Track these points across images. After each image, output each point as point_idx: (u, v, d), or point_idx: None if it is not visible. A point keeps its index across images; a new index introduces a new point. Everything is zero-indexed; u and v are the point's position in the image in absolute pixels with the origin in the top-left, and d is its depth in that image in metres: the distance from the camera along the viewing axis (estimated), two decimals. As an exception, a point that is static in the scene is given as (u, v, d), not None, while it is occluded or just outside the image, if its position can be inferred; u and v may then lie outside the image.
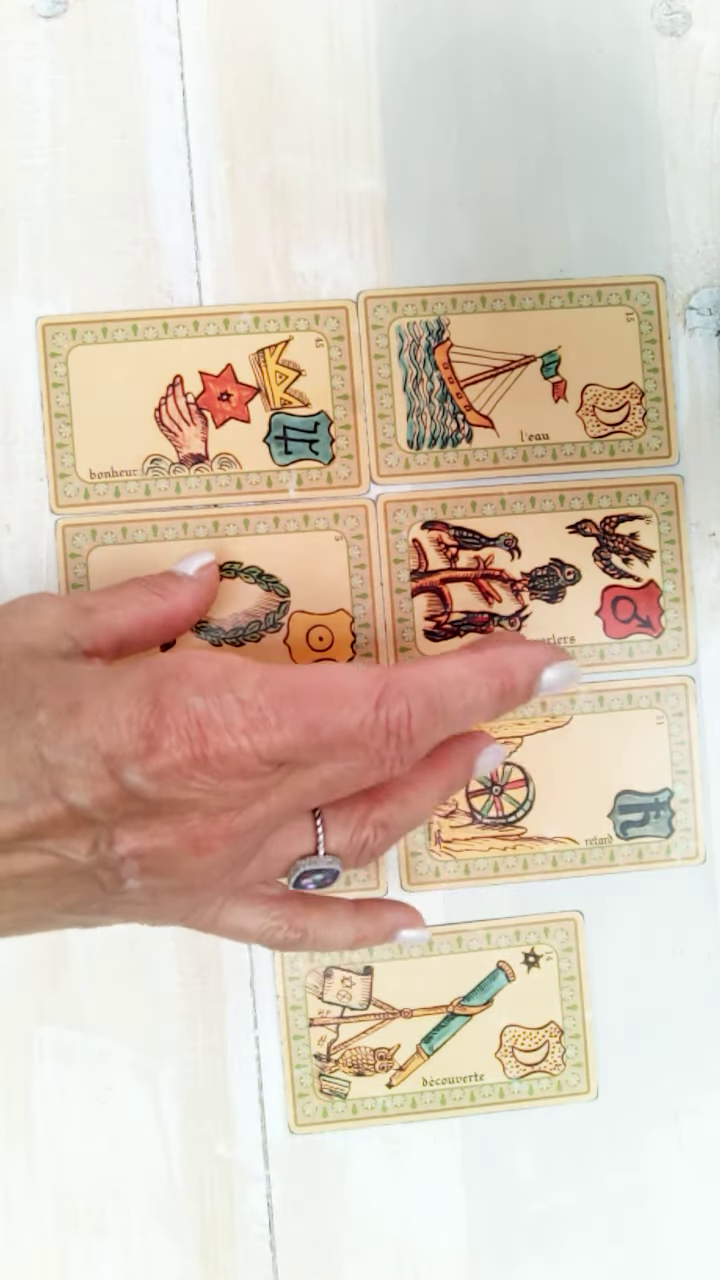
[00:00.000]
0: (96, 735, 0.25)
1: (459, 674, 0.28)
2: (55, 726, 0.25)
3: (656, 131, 0.36)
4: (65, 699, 0.26)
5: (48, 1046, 0.34)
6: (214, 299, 0.35)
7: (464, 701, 0.28)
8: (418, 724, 0.27)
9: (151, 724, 0.25)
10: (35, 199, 0.34)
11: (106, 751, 0.25)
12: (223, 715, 0.25)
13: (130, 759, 0.25)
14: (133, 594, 0.31)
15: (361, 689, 0.26)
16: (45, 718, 0.25)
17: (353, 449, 0.35)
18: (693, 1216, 0.35)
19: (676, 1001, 0.36)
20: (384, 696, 0.26)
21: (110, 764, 0.25)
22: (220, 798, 0.26)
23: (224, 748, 0.25)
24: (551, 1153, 0.35)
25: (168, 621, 0.31)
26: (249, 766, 0.25)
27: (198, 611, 0.33)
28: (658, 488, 0.36)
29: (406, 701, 0.27)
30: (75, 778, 0.25)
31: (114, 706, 0.25)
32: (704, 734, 0.36)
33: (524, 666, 0.29)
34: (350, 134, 0.35)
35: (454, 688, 0.27)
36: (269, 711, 0.25)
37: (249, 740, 0.25)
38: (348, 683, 0.27)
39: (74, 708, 0.25)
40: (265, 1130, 0.35)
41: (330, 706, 0.26)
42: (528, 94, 0.35)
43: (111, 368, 0.34)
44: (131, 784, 0.25)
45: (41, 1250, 0.34)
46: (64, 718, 0.25)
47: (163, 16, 0.35)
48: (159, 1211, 0.34)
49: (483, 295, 0.35)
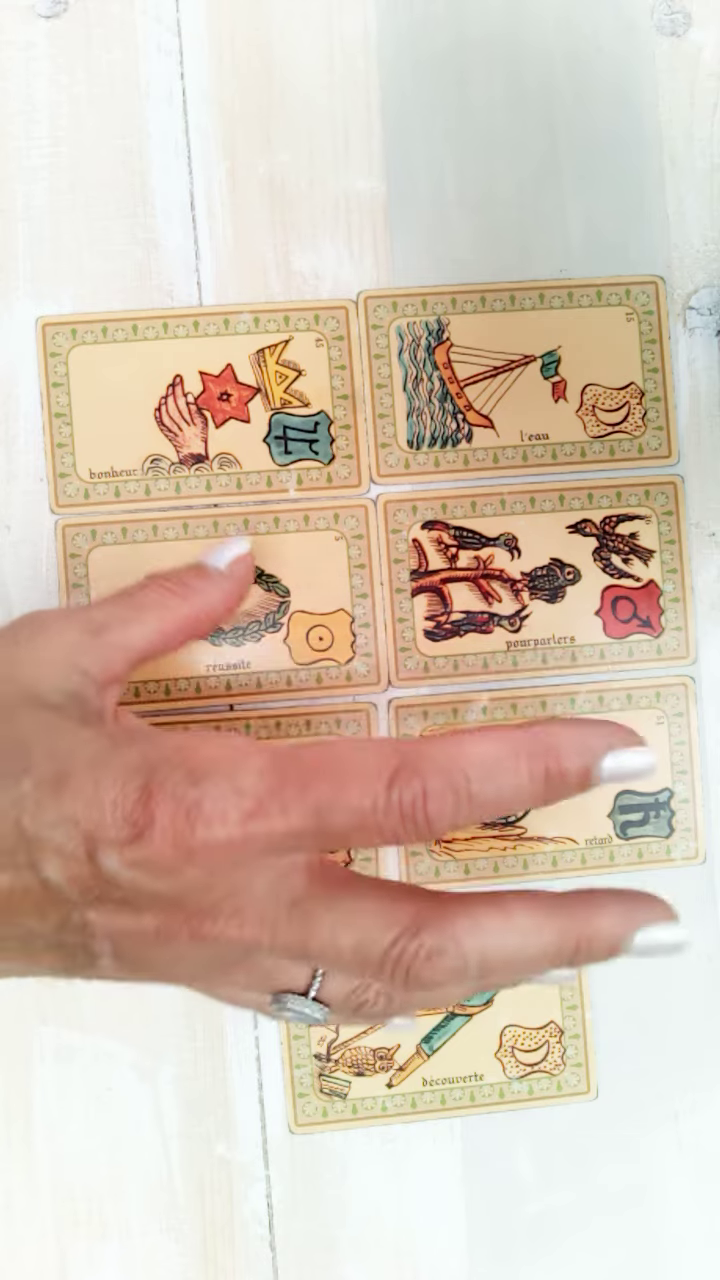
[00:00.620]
0: (79, 813, 0.23)
1: (490, 753, 0.24)
2: (38, 797, 0.24)
3: (656, 131, 0.36)
4: (54, 768, 0.24)
5: (48, 1046, 0.34)
6: (214, 299, 0.35)
7: (495, 786, 0.24)
8: (435, 806, 0.23)
9: (137, 811, 0.23)
10: (35, 199, 0.34)
11: (87, 831, 0.23)
12: (215, 805, 0.23)
13: (110, 844, 0.23)
14: (151, 599, 0.29)
15: (373, 767, 0.24)
16: (30, 786, 0.24)
17: (353, 449, 0.35)
18: (692, 1216, 0.36)
19: (676, 1002, 0.36)
20: (397, 776, 0.23)
21: (89, 845, 0.23)
22: (206, 894, 0.24)
23: (213, 840, 0.23)
24: (551, 1153, 0.35)
25: (193, 626, 0.30)
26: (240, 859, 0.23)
27: (229, 611, 0.30)
28: (658, 488, 0.36)
29: (423, 781, 0.23)
30: (52, 854, 0.23)
31: (101, 786, 0.23)
32: (704, 734, 0.36)
33: (576, 749, 0.24)
34: (350, 134, 0.35)
35: (482, 769, 0.24)
36: (270, 799, 0.23)
37: (243, 831, 0.23)
38: (358, 761, 0.24)
39: (61, 780, 0.24)
40: (265, 1130, 0.35)
41: (338, 787, 0.23)
42: (528, 94, 0.35)
43: (111, 368, 0.34)
44: (108, 869, 0.23)
45: (41, 1250, 0.34)
46: (49, 789, 0.24)
47: (162, 17, 0.35)
48: (159, 1211, 0.34)
49: (483, 295, 0.35)
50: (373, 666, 0.35)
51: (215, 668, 0.34)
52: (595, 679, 0.35)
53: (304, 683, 0.35)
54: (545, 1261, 0.35)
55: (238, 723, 0.34)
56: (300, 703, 0.35)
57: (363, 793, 0.23)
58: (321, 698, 0.35)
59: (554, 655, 0.35)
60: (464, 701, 0.35)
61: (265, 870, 0.24)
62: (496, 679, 0.35)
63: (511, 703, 0.35)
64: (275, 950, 0.25)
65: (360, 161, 0.35)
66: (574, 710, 0.35)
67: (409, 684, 0.35)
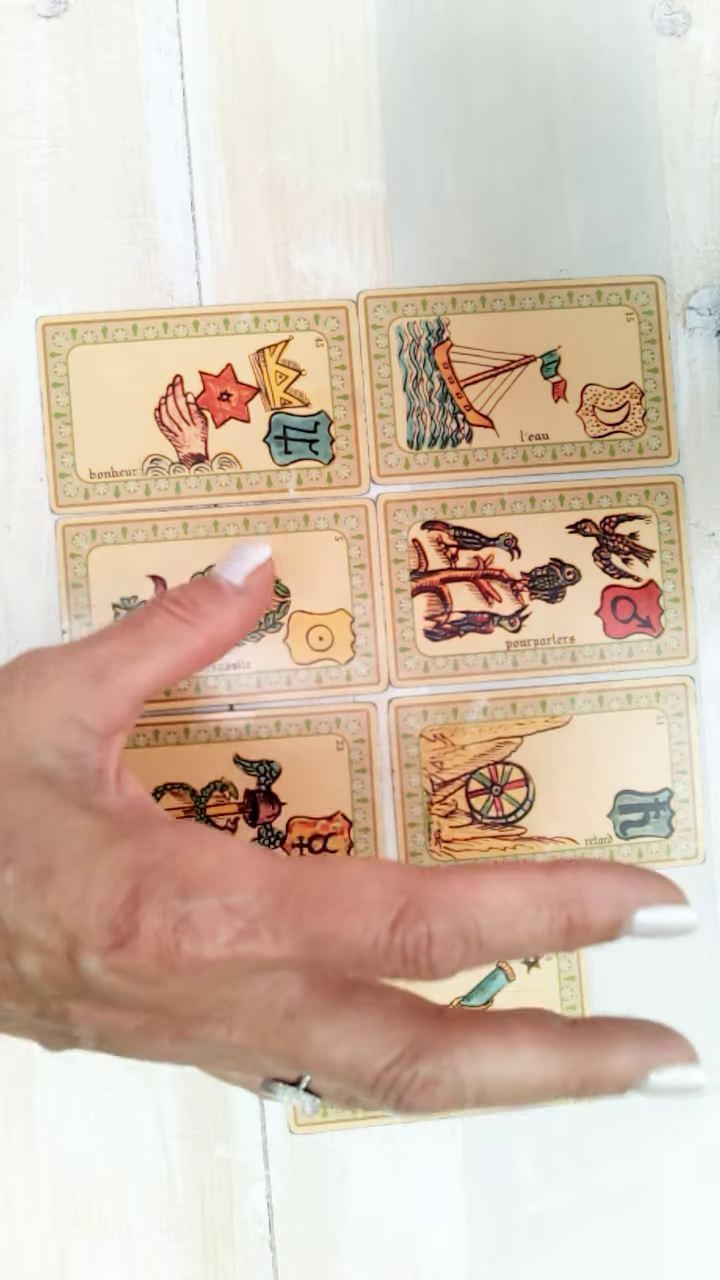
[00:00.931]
0: (62, 912, 0.22)
1: (508, 900, 0.22)
2: (21, 890, 0.23)
3: (656, 131, 0.36)
4: (39, 861, 0.23)
5: (48, 1046, 0.34)
6: (214, 299, 0.35)
7: (509, 935, 0.22)
8: (439, 952, 0.22)
9: (121, 919, 0.22)
10: (35, 199, 0.34)
11: (68, 931, 0.22)
12: (206, 923, 0.22)
13: (91, 948, 0.22)
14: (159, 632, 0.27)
15: (379, 901, 0.22)
16: (13, 878, 0.23)
17: (353, 449, 0.35)
18: (692, 1216, 0.36)
19: (676, 1002, 0.36)
20: (404, 915, 0.22)
21: (70, 945, 0.22)
22: (188, 1003, 0.23)
23: (201, 955, 0.22)
24: (551, 1152, 0.35)
25: (205, 655, 0.28)
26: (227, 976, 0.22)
27: (244, 632, 0.29)
28: (657, 488, 0.36)
29: (428, 925, 0.22)
30: (31, 950, 0.23)
31: (89, 886, 0.22)
32: (703, 734, 0.36)
33: (606, 900, 0.22)
34: (350, 134, 0.35)
35: (497, 916, 0.22)
36: (262, 923, 0.22)
37: (231, 952, 0.22)
38: (363, 892, 0.22)
39: (45, 874, 0.23)
40: (265, 1131, 0.35)
41: (339, 921, 0.22)
42: (527, 94, 0.35)
43: (111, 367, 0.34)
44: (87, 972, 0.22)
45: (41, 1250, 0.34)
46: (32, 883, 0.23)
47: (163, 16, 0.35)
48: (159, 1211, 0.34)
49: (483, 295, 0.35)
50: (373, 666, 0.35)
51: (215, 667, 0.34)
52: (595, 679, 0.35)
53: (304, 682, 0.35)
54: (545, 1261, 0.35)
55: (237, 722, 0.34)
56: (300, 702, 0.35)
57: (364, 929, 0.22)
58: (321, 698, 0.35)
59: (554, 655, 0.35)
60: (464, 701, 0.35)
61: (257, 982, 0.23)
62: (496, 679, 0.35)
63: (511, 702, 0.35)
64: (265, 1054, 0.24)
65: (360, 161, 0.35)
66: (573, 710, 0.35)
67: (409, 684, 0.35)
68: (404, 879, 0.22)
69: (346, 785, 0.35)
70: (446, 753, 0.35)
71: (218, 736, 0.35)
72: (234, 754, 0.35)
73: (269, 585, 0.29)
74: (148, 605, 0.28)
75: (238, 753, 0.35)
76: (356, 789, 0.35)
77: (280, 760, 0.35)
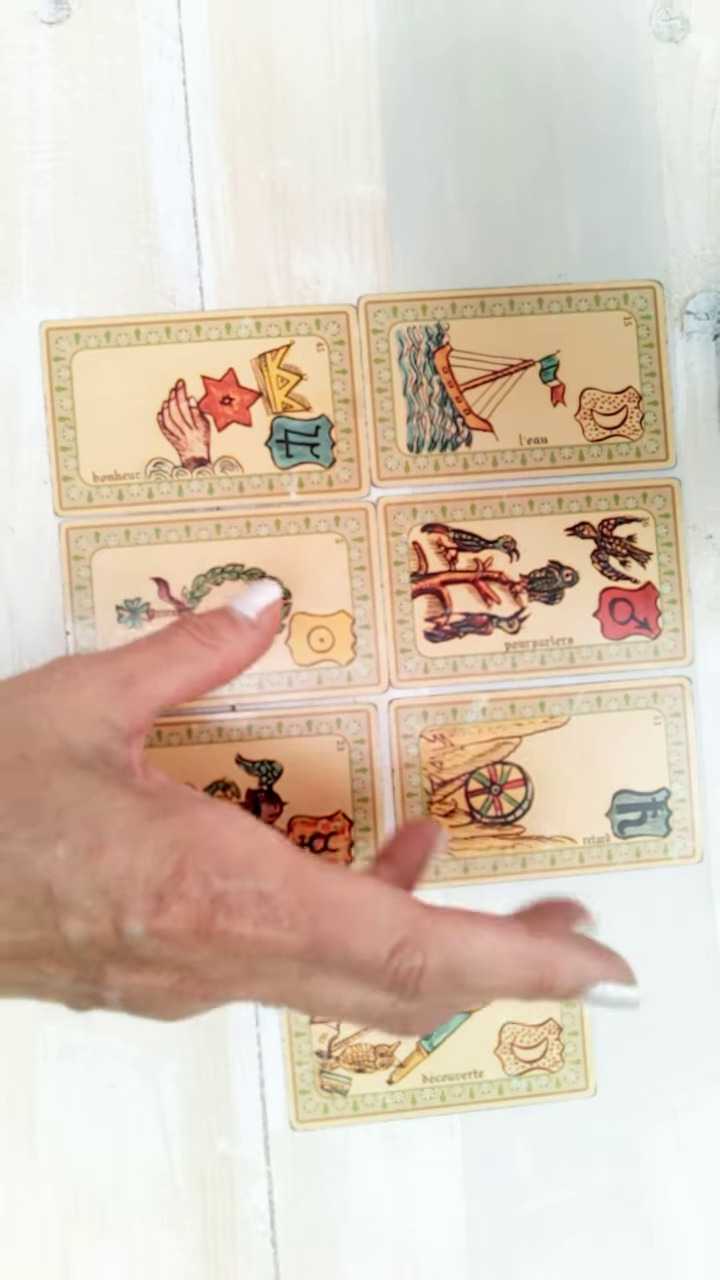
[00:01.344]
0: (111, 884, 0.25)
1: (495, 952, 0.26)
2: (72, 864, 0.25)
3: (654, 136, 0.36)
4: (89, 837, 0.25)
5: (51, 1044, 0.34)
6: (216, 304, 0.35)
7: (487, 982, 0.26)
8: (427, 983, 0.25)
9: (167, 888, 0.24)
10: (38, 204, 0.34)
11: (116, 900, 0.24)
12: (239, 902, 0.25)
13: (136, 914, 0.24)
14: (180, 650, 0.30)
15: (385, 927, 0.25)
16: (64, 852, 0.25)
17: (353, 452, 0.35)
18: (690, 1212, 0.36)
19: (674, 999, 0.36)
20: (403, 944, 0.25)
21: (116, 912, 0.25)
22: (214, 968, 0.25)
23: (231, 931, 0.25)
24: (550, 1149, 0.36)
25: (219, 677, 0.30)
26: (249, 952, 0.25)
27: (253, 660, 0.31)
28: (655, 490, 0.36)
29: (424, 958, 0.25)
30: (78, 916, 0.25)
31: (136, 859, 0.25)
32: (700, 734, 0.36)
33: (573, 974, 0.26)
34: (351, 139, 0.35)
35: (480, 963, 0.26)
36: (284, 913, 0.25)
37: (255, 931, 0.25)
38: (375, 914, 0.25)
39: (95, 849, 0.25)
40: (267, 1127, 0.35)
41: (347, 932, 0.25)
42: (527, 99, 0.36)
43: (114, 372, 0.34)
44: (130, 936, 0.25)
45: (44, 1246, 0.34)
46: (82, 857, 0.25)
47: (164, 22, 0.35)
48: (161, 1207, 0.35)
49: (482, 300, 0.35)
50: (373, 667, 0.35)
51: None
52: (593, 680, 0.36)
53: (305, 683, 0.35)
54: (545, 1257, 0.35)
55: (239, 723, 0.35)
56: (301, 703, 0.35)
57: (367, 946, 0.25)
58: (322, 698, 0.35)
59: (552, 656, 0.36)
60: (463, 702, 0.35)
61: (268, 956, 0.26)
62: (495, 680, 0.35)
63: (510, 703, 0.35)
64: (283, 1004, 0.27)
65: (360, 166, 0.35)
66: (572, 710, 0.36)
67: (409, 685, 0.35)
68: (411, 912, 0.26)
69: (347, 785, 0.35)
70: (446, 753, 0.35)
71: (220, 737, 0.35)
72: (236, 754, 0.35)
73: (276, 623, 0.32)
74: (171, 626, 0.30)
75: (240, 753, 0.35)
76: (357, 789, 0.35)
77: (281, 760, 0.35)
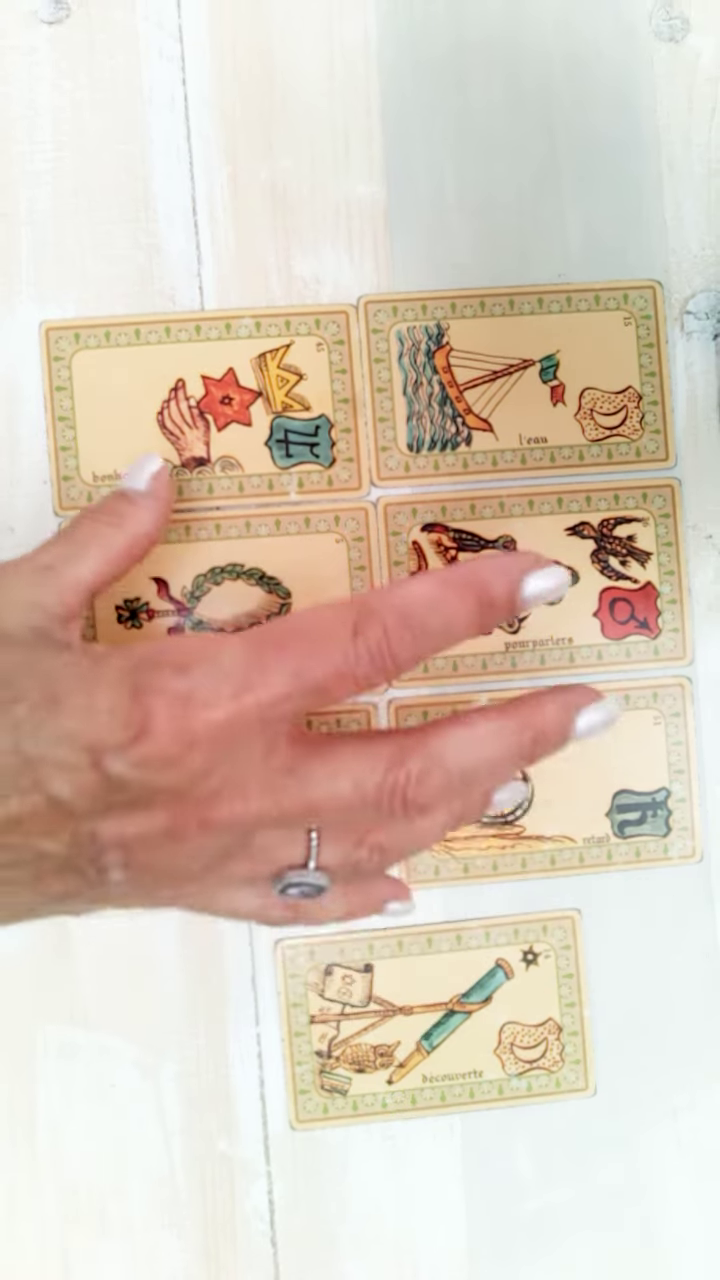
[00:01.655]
0: (77, 727, 0.24)
1: (428, 592, 0.27)
2: (34, 720, 0.25)
3: (654, 136, 0.36)
4: (43, 691, 0.25)
5: (51, 1043, 0.34)
6: (216, 303, 0.35)
7: (439, 618, 0.27)
8: (395, 642, 0.26)
9: (135, 712, 0.25)
10: (38, 204, 0.34)
11: (89, 742, 0.24)
12: (207, 689, 0.25)
13: (115, 748, 0.24)
14: (88, 535, 0.30)
15: (338, 621, 0.26)
16: (24, 711, 0.25)
17: (353, 452, 0.35)
18: (691, 1212, 0.36)
19: (674, 999, 0.36)
20: (360, 624, 0.26)
21: (93, 754, 0.24)
22: (208, 780, 0.25)
23: (212, 721, 0.25)
24: (550, 1149, 0.36)
25: (133, 550, 0.31)
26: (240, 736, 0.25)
27: (159, 528, 0.32)
28: (655, 490, 0.36)
29: (382, 623, 0.26)
30: (56, 769, 0.24)
31: (94, 697, 0.25)
32: (700, 734, 0.36)
33: (500, 576, 0.27)
34: (351, 139, 0.35)
35: (424, 604, 0.27)
36: (253, 670, 0.25)
37: (237, 705, 0.25)
38: (323, 620, 0.27)
39: (52, 700, 0.25)
40: (266, 1127, 0.35)
41: (312, 647, 0.26)
42: (527, 99, 0.36)
43: (114, 371, 0.34)
44: (115, 772, 0.24)
45: (44, 1246, 0.34)
46: (43, 710, 0.25)
47: (164, 22, 0.35)
48: (161, 1207, 0.35)
49: (482, 300, 0.35)
50: (373, 667, 0.35)
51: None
52: (593, 679, 0.36)
53: (305, 684, 0.35)
54: (545, 1258, 0.35)
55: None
56: (301, 703, 0.35)
57: (335, 645, 0.26)
58: (322, 698, 0.35)
59: (552, 656, 0.36)
60: (463, 702, 0.35)
61: (257, 746, 0.26)
62: (495, 679, 0.35)
63: (510, 703, 0.35)
64: (280, 819, 0.27)
65: (360, 166, 0.35)
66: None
67: (409, 684, 0.35)
68: (349, 599, 0.27)
69: (347, 785, 0.35)
70: (446, 753, 0.35)
71: (219, 737, 0.35)
72: (235, 754, 0.35)
73: (171, 488, 0.33)
74: (73, 520, 0.31)
75: (239, 753, 0.35)
76: (357, 789, 0.35)
77: (281, 760, 0.35)
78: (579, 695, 0.29)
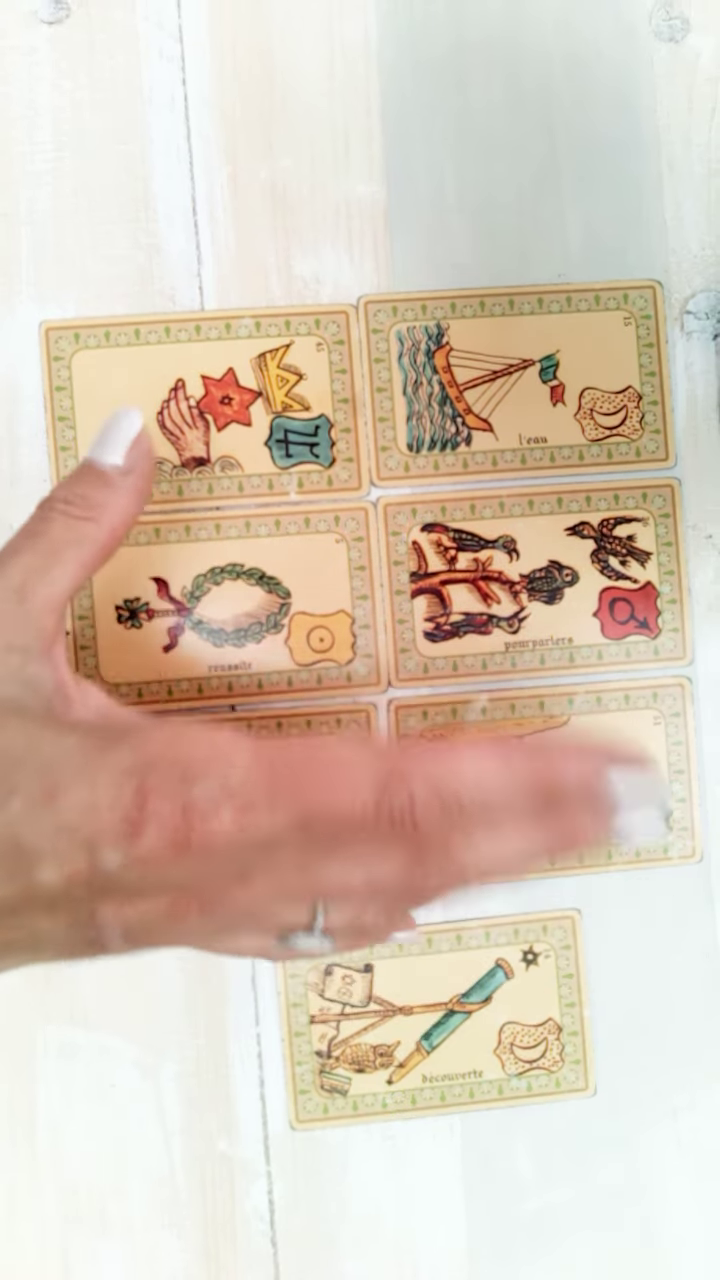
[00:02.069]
0: (76, 821, 0.23)
1: (482, 767, 0.24)
2: (31, 814, 0.24)
3: (654, 136, 0.36)
4: (41, 783, 0.24)
5: (51, 1044, 0.34)
6: (216, 303, 0.35)
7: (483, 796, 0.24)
8: (422, 813, 0.23)
9: (134, 812, 0.23)
10: (38, 204, 0.34)
11: (86, 837, 0.23)
12: (210, 801, 0.23)
13: (110, 844, 0.23)
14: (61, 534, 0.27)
15: (364, 772, 0.24)
16: (20, 805, 0.24)
17: (353, 452, 0.35)
18: (690, 1212, 0.36)
19: (674, 999, 0.36)
20: (388, 782, 0.24)
21: (89, 848, 0.24)
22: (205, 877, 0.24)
23: (211, 831, 0.23)
24: (550, 1149, 0.36)
25: (112, 543, 0.28)
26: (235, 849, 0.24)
27: (139, 508, 0.29)
28: (655, 490, 0.36)
29: (410, 789, 0.23)
30: (50, 861, 0.24)
31: (96, 792, 0.24)
32: (700, 734, 0.36)
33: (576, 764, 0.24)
34: (351, 139, 0.35)
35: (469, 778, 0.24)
36: (259, 795, 0.24)
37: (235, 821, 0.23)
38: (350, 764, 0.24)
39: (51, 792, 0.24)
40: (266, 1127, 0.35)
41: (328, 790, 0.24)
42: (527, 99, 0.36)
43: (114, 371, 0.34)
44: (110, 868, 0.24)
45: (44, 1246, 0.34)
46: (40, 804, 0.24)
47: (164, 23, 0.35)
48: (161, 1207, 0.35)
49: (482, 300, 0.35)
50: (373, 667, 0.35)
51: (217, 668, 0.35)
52: (593, 680, 0.36)
53: (305, 683, 0.35)
54: (545, 1258, 0.35)
55: (240, 723, 0.35)
56: (301, 703, 0.35)
57: (351, 797, 0.23)
58: (322, 698, 0.35)
59: (552, 656, 0.36)
60: (463, 702, 0.35)
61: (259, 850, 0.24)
62: (495, 679, 0.35)
63: (510, 703, 0.35)
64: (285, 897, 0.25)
65: (360, 166, 0.35)
66: (571, 710, 0.36)
67: (409, 684, 0.35)
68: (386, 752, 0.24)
69: (347, 785, 0.35)
70: (446, 753, 0.35)
71: (219, 737, 0.35)
72: (235, 754, 0.35)
73: (151, 456, 0.29)
74: (40, 510, 0.28)
75: (239, 753, 0.35)
76: (357, 789, 0.35)
77: (281, 760, 0.35)
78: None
